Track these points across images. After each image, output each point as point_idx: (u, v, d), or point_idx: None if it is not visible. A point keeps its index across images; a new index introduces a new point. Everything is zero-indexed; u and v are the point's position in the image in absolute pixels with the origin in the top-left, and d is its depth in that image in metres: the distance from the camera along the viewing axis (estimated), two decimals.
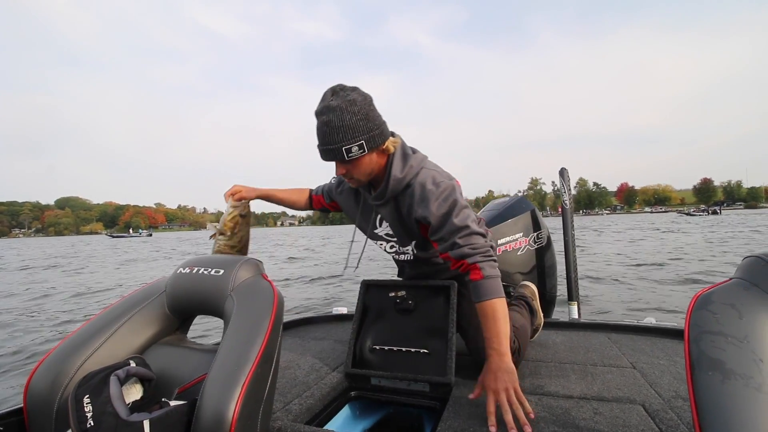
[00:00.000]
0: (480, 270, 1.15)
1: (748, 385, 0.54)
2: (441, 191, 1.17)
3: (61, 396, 0.80)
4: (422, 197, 1.19)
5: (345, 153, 1.13)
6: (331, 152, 1.14)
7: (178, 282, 1.01)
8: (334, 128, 1.10)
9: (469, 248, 1.16)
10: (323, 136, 1.13)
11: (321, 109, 1.12)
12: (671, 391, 1.16)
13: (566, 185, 2.48)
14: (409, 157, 1.24)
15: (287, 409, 1.14)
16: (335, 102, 1.10)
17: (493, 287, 1.14)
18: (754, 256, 0.68)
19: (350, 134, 1.11)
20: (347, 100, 1.10)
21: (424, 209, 1.18)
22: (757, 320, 0.59)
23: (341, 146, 1.12)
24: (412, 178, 1.22)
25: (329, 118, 1.10)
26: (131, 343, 0.94)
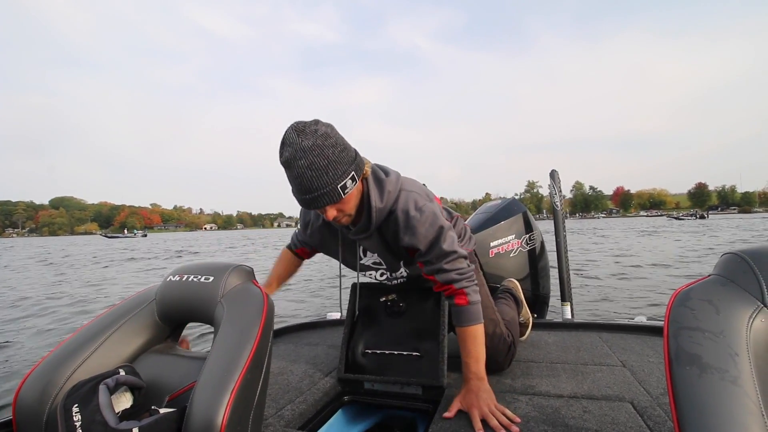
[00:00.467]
0: (466, 296, 1.16)
1: (724, 378, 0.55)
2: (425, 217, 1.12)
3: (51, 406, 0.80)
4: (407, 225, 1.13)
5: (341, 192, 1.00)
6: (325, 197, 0.99)
7: (167, 290, 1.01)
8: (320, 169, 0.97)
9: (456, 274, 1.16)
10: (309, 182, 0.97)
11: (294, 155, 0.96)
12: (660, 388, 1.18)
13: (557, 187, 2.50)
14: (383, 181, 1.14)
15: (280, 415, 1.14)
16: (308, 141, 0.96)
17: (477, 313, 1.17)
18: (731, 253, 0.69)
19: (340, 169, 1.00)
20: (320, 135, 0.97)
21: (411, 237, 1.13)
22: (733, 315, 0.60)
23: (335, 185, 0.99)
24: (393, 204, 1.14)
25: (310, 160, 0.96)
26: (121, 352, 0.94)
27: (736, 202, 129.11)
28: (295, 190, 1.02)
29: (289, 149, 0.98)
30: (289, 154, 0.97)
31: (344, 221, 1.11)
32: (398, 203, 1.14)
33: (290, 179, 1.01)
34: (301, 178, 0.97)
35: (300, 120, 1.01)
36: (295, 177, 0.99)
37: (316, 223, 1.30)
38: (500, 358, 1.37)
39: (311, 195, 0.99)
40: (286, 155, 0.98)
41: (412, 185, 1.20)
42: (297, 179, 0.98)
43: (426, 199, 1.16)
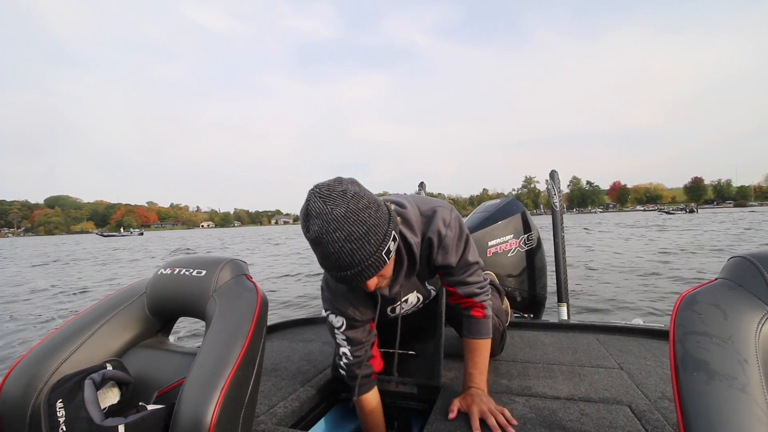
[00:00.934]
0: (483, 309, 1.16)
1: (732, 386, 0.54)
2: (455, 231, 1.07)
3: (35, 401, 0.79)
4: (441, 245, 1.06)
5: (386, 258, 0.86)
6: (370, 269, 0.84)
7: (158, 283, 0.99)
8: (361, 239, 0.81)
9: (477, 287, 1.15)
10: (350, 257, 0.81)
11: (326, 228, 0.79)
12: (657, 392, 1.17)
13: (556, 187, 2.49)
14: (406, 215, 1.04)
15: (272, 412, 1.13)
16: (340, 209, 0.80)
17: (489, 327, 1.18)
18: (738, 256, 0.68)
19: (380, 232, 0.84)
20: (351, 197, 0.81)
21: (445, 257, 1.07)
22: (741, 321, 0.59)
23: (380, 253, 0.84)
24: (423, 234, 1.06)
25: (347, 231, 0.80)
26: (110, 345, 0.92)
27: (732, 196, 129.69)
28: (330, 266, 0.85)
29: (317, 222, 0.80)
30: (319, 228, 0.80)
31: (384, 285, 0.98)
32: (429, 228, 1.05)
33: (323, 256, 0.84)
34: (339, 253, 0.81)
35: (319, 183, 0.85)
36: (331, 253, 0.81)
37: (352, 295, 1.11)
38: (495, 345, 1.45)
39: (354, 270, 0.83)
40: (315, 230, 0.81)
41: (426, 202, 1.11)
42: (334, 255, 0.81)
43: (448, 210, 1.09)
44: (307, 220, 0.83)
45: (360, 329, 1.14)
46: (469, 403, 1.07)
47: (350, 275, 0.84)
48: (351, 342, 1.13)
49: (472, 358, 1.15)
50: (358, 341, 1.14)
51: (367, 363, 1.16)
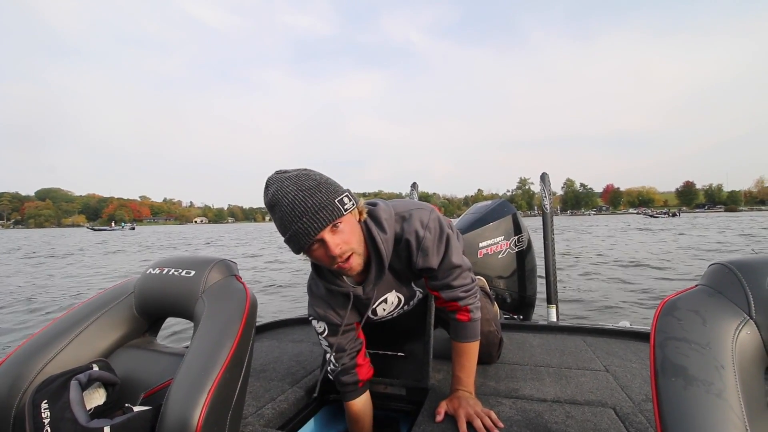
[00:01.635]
0: (469, 313, 1.15)
1: (710, 391, 0.55)
2: (434, 232, 1.07)
3: (19, 402, 0.78)
4: (419, 247, 1.06)
5: (341, 206, 0.90)
6: (324, 213, 0.87)
7: (147, 283, 0.98)
8: (311, 190, 0.88)
9: (462, 291, 1.13)
10: (304, 205, 0.86)
11: (278, 189, 0.88)
12: (642, 394, 1.19)
13: (547, 190, 2.51)
14: (374, 211, 1.04)
15: (260, 414, 1.13)
16: (291, 174, 0.91)
17: (476, 330, 1.16)
18: (718, 263, 0.69)
19: (332, 188, 0.91)
20: (301, 169, 0.93)
21: (426, 259, 1.07)
22: (720, 327, 0.60)
23: (332, 199, 0.89)
24: (398, 232, 1.06)
25: (298, 184, 0.88)
26: (96, 346, 0.91)
27: (723, 200, 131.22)
28: (289, 221, 0.88)
29: (273, 187, 0.89)
30: (274, 190, 0.89)
31: (353, 259, 0.96)
32: (404, 229, 1.05)
33: (281, 215, 0.88)
34: (293, 202, 0.86)
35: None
36: (286, 207, 0.87)
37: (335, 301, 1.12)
38: (493, 351, 1.46)
39: (310, 216, 0.86)
40: (271, 191, 0.89)
41: (406, 204, 1.12)
42: (288, 207, 0.87)
43: (427, 210, 1.10)
44: (265, 189, 0.92)
45: (342, 336, 1.13)
46: (456, 406, 1.07)
47: (305, 223, 0.86)
48: (333, 348, 1.14)
49: (460, 361, 1.16)
50: (341, 348, 1.14)
51: (352, 371, 1.16)
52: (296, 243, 0.90)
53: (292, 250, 0.94)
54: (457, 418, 1.04)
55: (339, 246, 0.91)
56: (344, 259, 0.94)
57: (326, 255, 0.92)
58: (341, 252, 0.92)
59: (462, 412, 1.05)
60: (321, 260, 0.95)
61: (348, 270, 0.97)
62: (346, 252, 0.94)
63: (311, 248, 0.92)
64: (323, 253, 0.92)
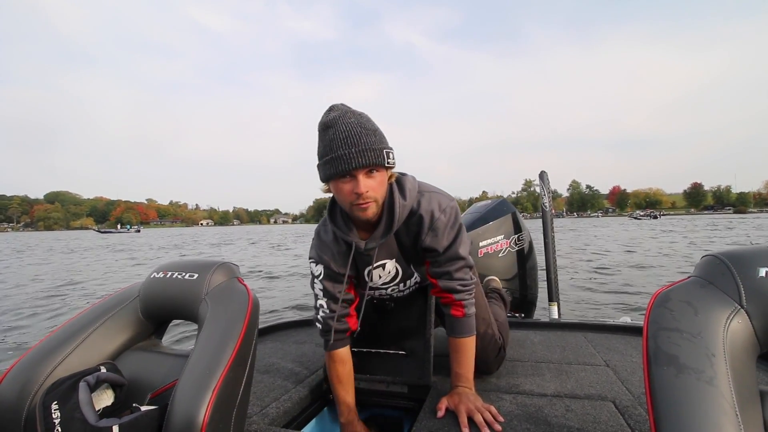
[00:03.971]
0: (463, 308, 1.15)
1: (700, 378, 0.57)
2: (448, 219, 1.11)
3: (30, 403, 0.80)
4: (432, 227, 1.10)
5: (386, 156, 0.96)
6: (370, 153, 0.93)
7: (151, 287, 1.01)
8: (370, 130, 0.95)
9: (459, 284, 1.14)
10: (358, 137, 0.92)
11: (342, 114, 0.95)
12: (641, 388, 1.20)
13: (546, 188, 2.52)
14: (403, 180, 1.11)
15: (264, 413, 1.14)
16: (355, 110, 0.98)
17: (471, 326, 1.16)
18: (711, 255, 0.70)
19: (385, 140, 0.98)
20: (364, 113, 0.99)
21: (434, 239, 1.10)
22: (711, 317, 0.62)
23: (382, 148, 0.95)
24: (414, 204, 1.10)
25: (359, 120, 0.95)
26: (103, 349, 0.94)
27: (731, 202, 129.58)
28: (336, 145, 0.93)
29: (337, 111, 0.97)
30: (337, 114, 0.96)
31: (371, 208, 1.00)
32: (421, 205, 1.10)
33: (332, 137, 0.94)
34: (351, 131, 0.93)
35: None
36: (341, 131, 0.93)
37: (337, 250, 1.14)
38: (489, 359, 1.33)
39: (358, 148, 0.92)
40: (333, 115, 0.96)
41: (430, 186, 1.16)
42: (344, 133, 0.93)
43: (448, 198, 1.14)
44: (327, 111, 0.98)
45: (336, 284, 1.16)
46: (456, 402, 1.08)
47: (352, 153, 0.92)
48: (327, 294, 1.16)
49: (457, 357, 1.17)
50: (333, 295, 1.16)
51: (342, 318, 1.17)
52: (334, 167, 0.94)
53: (323, 174, 0.99)
54: (458, 413, 1.05)
55: (366, 190, 0.96)
56: (365, 202, 0.98)
57: (351, 191, 0.97)
58: (366, 196, 0.97)
59: (463, 407, 1.06)
60: (344, 195, 0.99)
61: (362, 214, 1.00)
62: (369, 198, 0.98)
63: (342, 179, 0.97)
64: (350, 189, 0.97)
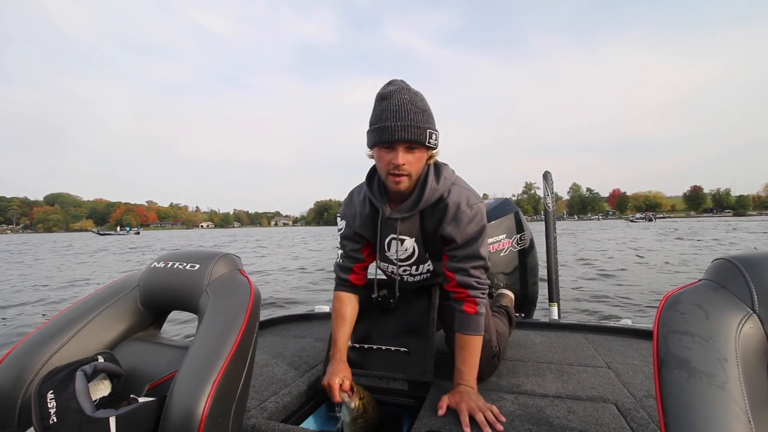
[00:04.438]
0: (476, 306, 1.17)
1: (712, 383, 0.55)
2: (473, 214, 1.14)
3: (25, 392, 0.79)
4: (455, 217, 1.14)
5: (428, 136, 1.05)
6: (413, 129, 1.02)
7: (151, 276, 0.99)
8: (419, 108, 1.04)
9: (476, 281, 1.17)
10: (406, 113, 1.02)
11: (398, 89, 1.05)
12: (643, 390, 1.18)
13: (549, 188, 2.51)
14: (440, 167, 1.19)
15: (263, 407, 1.13)
16: (413, 89, 1.07)
17: (480, 325, 1.17)
18: (722, 258, 0.69)
19: (432, 121, 1.07)
20: (420, 93, 1.09)
21: (454, 229, 1.14)
22: (722, 320, 0.61)
23: (426, 127, 1.04)
24: (444, 193, 1.16)
25: (414, 99, 1.04)
26: (101, 338, 0.92)
27: (731, 205, 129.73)
28: (385, 116, 1.03)
29: (394, 86, 1.06)
30: (394, 88, 1.05)
31: (403, 182, 1.10)
32: (451, 194, 1.15)
33: (384, 108, 1.04)
34: (403, 107, 1.02)
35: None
36: (393, 105, 1.03)
37: (363, 212, 1.25)
38: (482, 363, 1.27)
39: (402, 123, 1.02)
40: (391, 88, 1.06)
41: (466, 183, 1.22)
42: (395, 107, 1.03)
43: (477, 198, 1.18)
44: (386, 85, 1.09)
45: (350, 241, 1.30)
46: (458, 400, 1.07)
47: (400, 126, 1.01)
48: (341, 246, 1.32)
49: (462, 355, 1.16)
50: (346, 251, 1.31)
51: (347, 270, 1.32)
52: (379, 135, 1.05)
53: (369, 140, 1.09)
54: (459, 411, 1.04)
55: (401, 164, 1.05)
56: (400, 174, 1.07)
57: (390, 161, 1.06)
58: (402, 168, 1.06)
59: (464, 405, 1.04)
60: (383, 163, 1.09)
61: (395, 186, 1.10)
62: (405, 171, 1.07)
63: (384, 148, 1.07)
64: (389, 159, 1.06)
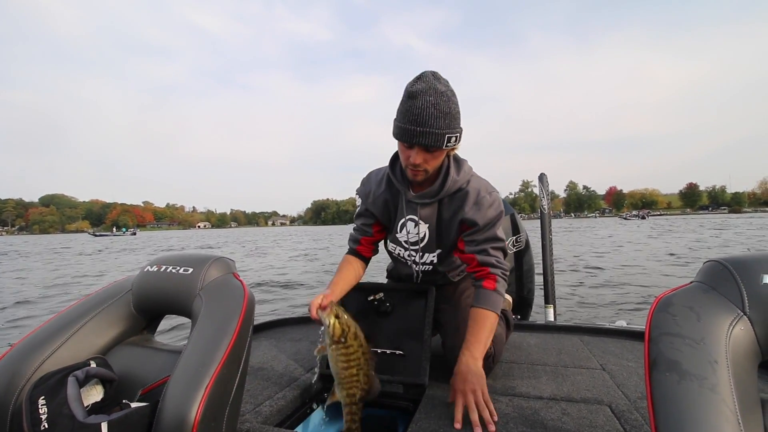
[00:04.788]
0: (495, 282, 1.22)
1: (703, 385, 0.56)
2: (493, 200, 1.23)
3: (17, 398, 0.78)
4: (476, 202, 1.23)
5: (446, 140, 1.10)
6: (432, 136, 1.07)
7: (144, 280, 0.99)
8: (441, 113, 1.06)
9: (496, 260, 1.24)
10: (426, 118, 1.06)
11: (425, 89, 1.06)
12: (637, 392, 1.19)
13: (545, 190, 2.51)
14: (461, 162, 1.27)
15: (257, 411, 1.12)
16: (441, 87, 1.08)
17: (497, 302, 1.21)
18: (713, 260, 0.70)
19: (454, 123, 1.10)
20: (450, 89, 1.11)
21: (476, 213, 1.22)
22: (713, 323, 0.61)
23: (445, 133, 1.08)
24: (464, 183, 1.25)
25: (437, 100, 1.06)
26: (94, 343, 0.92)
27: (726, 202, 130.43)
28: (408, 118, 1.08)
29: (423, 83, 1.08)
30: (421, 87, 1.07)
31: (420, 176, 1.19)
32: (471, 183, 1.25)
33: (408, 108, 1.08)
34: (423, 111, 1.06)
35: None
36: (416, 107, 1.06)
37: (378, 191, 1.35)
38: None
39: (422, 129, 1.07)
40: (418, 87, 1.08)
41: (481, 177, 1.31)
42: (418, 110, 1.06)
43: (496, 190, 1.28)
44: (416, 79, 1.09)
45: (365, 218, 1.41)
46: (455, 389, 1.07)
47: (418, 131, 1.07)
48: (355, 220, 1.45)
49: (472, 328, 1.17)
50: (358, 224, 1.43)
51: (357, 241, 1.43)
52: (400, 134, 1.12)
53: (393, 132, 1.16)
54: (455, 405, 1.04)
55: (417, 162, 1.13)
56: (416, 171, 1.17)
57: (408, 158, 1.15)
58: (417, 166, 1.15)
59: (460, 399, 1.04)
60: (403, 156, 1.18)
61: (413, 176, 1.20)
62: (421, 168, 1.16)
63: (404, 144, 1.15)
64: (408, 155, 1.14)
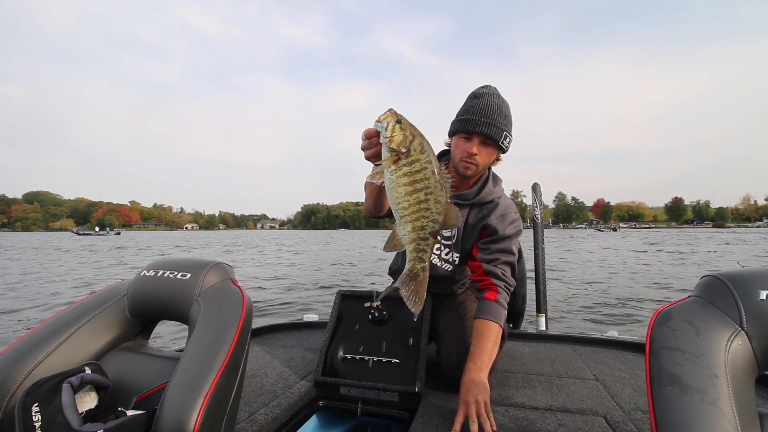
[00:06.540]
0: (497, 294, 1.27)
1: (704, 399, 0.57)
2: (516, 218, 1.38)
3: (8, 404, 0.76)
4: (503, 215, 1.37)
5: (503, 137, 1.25)
6: (492, 127, 1.22)
7: (141, 285, 0.97)
8: (502, 113, 1.24)
9: (502, 272, 1.30)
10: (491, 114, 1.22)
11: (490, 93, 1.26)
12: (631, 403, 1.20)
13: (538, 200, 2.53)
14: (498, 179, 1.45)
15: (252, 419, 1.10)
16: (503, 96, 1.28)
17: (500, 313, 1.25)
18: (710, 275, 0.71)
19: (509, 126, 1.27)
20: (505, 101, 1.29)
21: (499, 223, 1.35)
22: (712, 337, 0.62)
23: (503, 129, 1.24)
24: (497, 197, 1.40)
25: (500, 103, 1.25)
26: (88, 348, 0.90)
27: (710, 217, 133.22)
28: (471, 112, 1.23)
29: (487, 89, 1.28)
30: (486, 91, 1.27)
31: (471, 169, 1.29)
32: (502, 199, 1.41)
33: (473, 105, 1.24)
34: (489, 107, 1.22)
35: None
36: (484, 104, 1.22)
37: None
38: None
39: (487, 120, 1.22)
40: (483, 90, 1.27)
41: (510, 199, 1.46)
42: (485, 106, 1.22)
43: (518, 212, 1.41)
44: (481, 87, 1.30)
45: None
46: (461, 395, 1.08)
47: (483, 121, 1.21)
48: None
49: (477, 340, 1.20)
50: None
51: None
52: (463, 124, 1.25)
53: (452, 128, 1.31)
54: (457, 414, 1.05)
55: (473, 153, 1.25)
56: (470, 162, 1.27)
57: (465, 149, 1.26)
58: (472, 158, 1.26)
59: (462, 409, 1.05)
60: (459, 149, 1.28)
61: (464, 170, 1.30)
62: (475, 161, 1.27)
63: (463, 137, 1.27)
64: (464, 147, 1.26)
